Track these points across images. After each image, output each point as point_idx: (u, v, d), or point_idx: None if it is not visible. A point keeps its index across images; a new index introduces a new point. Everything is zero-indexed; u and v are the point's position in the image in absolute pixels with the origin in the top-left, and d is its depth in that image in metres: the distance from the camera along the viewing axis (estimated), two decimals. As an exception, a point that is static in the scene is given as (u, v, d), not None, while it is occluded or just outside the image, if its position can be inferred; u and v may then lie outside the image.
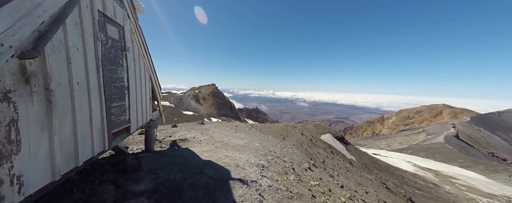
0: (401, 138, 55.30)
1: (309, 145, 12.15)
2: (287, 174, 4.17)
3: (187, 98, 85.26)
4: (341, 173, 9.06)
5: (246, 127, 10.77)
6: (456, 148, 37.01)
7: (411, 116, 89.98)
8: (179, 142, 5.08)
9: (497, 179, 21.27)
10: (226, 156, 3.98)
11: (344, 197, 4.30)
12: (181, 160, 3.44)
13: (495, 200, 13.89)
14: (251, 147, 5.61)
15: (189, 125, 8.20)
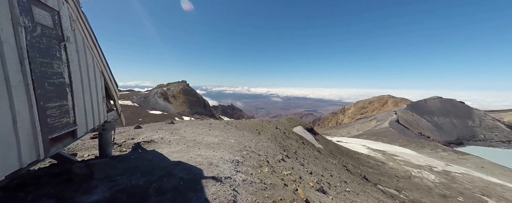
0: (358, 125, 64.56)
1: (283, 137, 12.86)
2: (262, 167, 4.34)
3: (153, 96, 77.05)
4: (311, 161, 10.01)
5: (221, 124, 10.56)
6: (396, 131, 45.81)
7: (365, 106, 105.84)
8: (144, 144, 4.60)
9: (423, 153, 27.52)
10: (199, 155, 3.84)
11: (312, 182, 4.80)
12: (146, 163, 3.13)
13: (422, 170, 18.00)
14: (226, 144, 5.57)
15: (156, 125, 7.48)
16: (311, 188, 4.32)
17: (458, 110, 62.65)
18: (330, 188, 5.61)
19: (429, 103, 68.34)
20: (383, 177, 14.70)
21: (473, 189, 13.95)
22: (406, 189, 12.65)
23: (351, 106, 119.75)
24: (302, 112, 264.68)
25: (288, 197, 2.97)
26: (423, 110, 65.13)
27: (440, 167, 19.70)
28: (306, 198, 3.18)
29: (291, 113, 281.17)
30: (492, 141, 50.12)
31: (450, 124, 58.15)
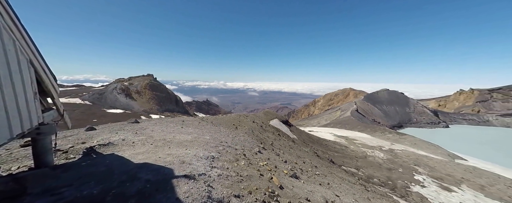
0: (326, 115, 71.67)
1: (260, 131, 13.16)
2: (238, 160, 4.34)
3: (111, 92, 66.70)
4: (286, 151, 10.62)
5: (195, 121, 10.01)
6: (356, 119, 52.96)
7: (332, 98, 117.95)
8: (100, 148, 3.95)
9: (375, 136, 32.78)
10: (169, 155, 3.54)
11: (286, 170, 5.10)
12: (102, 169, 2.69)
13: (374, 150, 21.49)
14: (201, 141, 5.32)
15: (116, 126, 6.51)
16: (286, 175, 4.60)
17: (399, 99, 76.35)
18: (303, 173, 6.11)
19: (379, 94, 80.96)
20: (346, 159, 16.92)
21: (409, 161, 17.55)
22: (363, 167, 14.92)
23: (320, 99, 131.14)
24: (278, 106, 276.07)
25: (264, 186, 3.07)
26: (375, 100, 76.83)
27: (387, 146, 23.89)
28: (280, 185, 3.36)
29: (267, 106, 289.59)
30: (421, 123, 63.55)
31: (394, 111, 70.60)
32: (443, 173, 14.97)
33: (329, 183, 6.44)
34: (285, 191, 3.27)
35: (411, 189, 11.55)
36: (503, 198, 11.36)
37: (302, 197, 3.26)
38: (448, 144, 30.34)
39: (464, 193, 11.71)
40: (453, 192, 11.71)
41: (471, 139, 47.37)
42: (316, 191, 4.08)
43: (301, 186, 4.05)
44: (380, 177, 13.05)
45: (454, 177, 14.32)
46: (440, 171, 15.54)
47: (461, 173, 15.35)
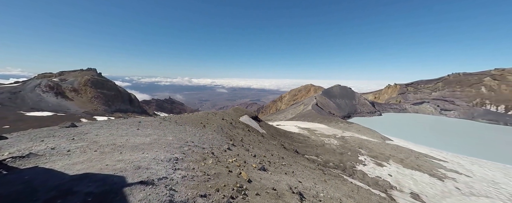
0: (291, 110, 77.74)
1: (230, 128, 13.02)
2: (206, 159, 4.18)
3: (32, 91, 51.22)
4: (255, 146, 10.95)
5: (155, 121, 8.94)
6: (316, 112, 59.85)
7: (297, 94, 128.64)
8: (15, 161, 2.99)
9: (331, 126, 38.03)
10: (120, 161, 3.04)
11: (255, 164, 5.28)
12: (19, 187, 2.04)
13: (330, 138, 24.97)
14: (162, 142, 4.80)
15: (41, 132, 5.04)
16: (254, 168, 4.77)
17: (348, 93, 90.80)
18: (270, 165, 6.48)
19: (333, 90, 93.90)
20: (308, 148, 18.97)
21: (355, 145, 21.29)
22: (321, 154, 17.11)
23: (286, 94, 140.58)
24: (248, 102, 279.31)
25: (232, 182, 3.09)
26: (330, 95, 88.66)
27: (339, 134, 28.14)
28: (249, 178, 3.47)
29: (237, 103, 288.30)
30: (363, 113, 77.87)
31: (344, 104, 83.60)
32: (377, 152, 18.95)
33: (293, 171, 7.08)
34: (253, 184, 3.39)
35: (356, 168, 14.11)
36: (414, 166, 15.46)
37: (269, 187, 3.47)
38: (381, 129, 38.55)
39: (390, 166, 15.23)
40: (384, 166, 15.05)
41: (395, 123, 61.63)
42: (282, 180, 4.42)
43: (269, 177, 4.30)
44: (334, 161, 15.32)
45: (385, 155, 18.37)
46: (376, 151, 19.60)
47: (389, 151, 19.85)
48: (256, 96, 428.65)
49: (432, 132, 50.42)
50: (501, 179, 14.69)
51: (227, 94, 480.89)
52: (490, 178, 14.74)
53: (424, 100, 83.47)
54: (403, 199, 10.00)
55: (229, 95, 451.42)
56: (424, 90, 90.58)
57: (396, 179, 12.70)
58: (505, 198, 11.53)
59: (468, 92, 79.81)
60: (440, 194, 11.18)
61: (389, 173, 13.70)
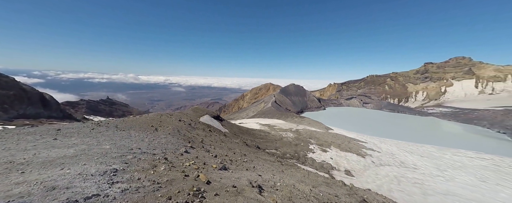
0: (253, 108, 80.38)
1: (188, 129, 12.02)
2: (156, 166, 3.68)
3: None
4: (217, 146, 10.63)
5: (84, 128, 7.02)
6: (275, 109, 64.63)
7: (257, 92, 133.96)
8: None
9: (287, 121, 42.18)
10: (20, 183, 2.19)
11: (216, 164, 5.14)
12: None
13: (287, 132, 27.69)
14: (93, 153, 3.83)
15: None
16: (215, 169, 4.64)
17: (300, 91, 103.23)
18: (232, 163, 6.50)
19: (289, 88, 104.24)
20: (268, 143, 20.27)
21: (306, 137, 24.55)
22: (280, 147, 18.71)
23: (248, 93, 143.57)
24: (209, 101, 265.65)
25: (188, 187, 2.89)
26: (287, 93, 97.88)
27: (294, 128, 31.65)
28: (208, 180, 3.35)
29: (197, 103, 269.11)
30: (313, 108, 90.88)
31: (298, 100, 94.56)
32: (323, 141, 22.65)
33: (254, 166, 7.40)
34: (212, 185, 3.30)
35: (307, 156, 16.33)
36: (347, 149, 19.52)
37: (229, 185, 3.48)
38: (325, 120, 46.31)
39: (331, 151, 18.60)
40: (327, 151, 18.20)
41: (334, 115, 75.45)
42: (242, 177, 4.52)
43: (229, 176, 4.30)
44: (290, 152, 17.12)
45: (327, 142, 22.21)
46: (321, 139, 23.36)
47: (331, 139, 24.13)
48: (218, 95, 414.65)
49: (358, 121, 65.76)
50: (396, 151, 21.02)
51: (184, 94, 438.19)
52: (390, 151, 20.78)
53: (353, 96, 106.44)
54: (340, 176, 12.49)
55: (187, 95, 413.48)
56: (352, 88, 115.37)
57: (335, 160, 15.67)
58: (398, 163, 16.62)
59: (378, 90, 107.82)
60: (363, 167, 14.74)
61: (330, 156, 16.70)
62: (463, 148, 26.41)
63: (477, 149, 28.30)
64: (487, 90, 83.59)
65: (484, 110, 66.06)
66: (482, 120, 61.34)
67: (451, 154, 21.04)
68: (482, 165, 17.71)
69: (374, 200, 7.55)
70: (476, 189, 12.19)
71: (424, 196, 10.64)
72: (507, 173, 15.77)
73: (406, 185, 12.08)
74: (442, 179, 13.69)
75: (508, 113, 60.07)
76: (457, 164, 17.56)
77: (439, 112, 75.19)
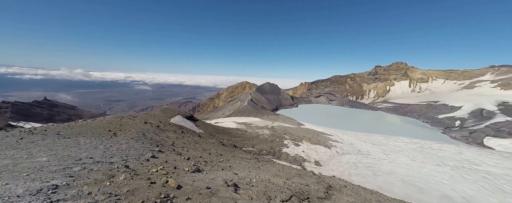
0: (229, 106, 79.12)
1: (156, 132, 10.92)
2: (114, 176, 3.20)
3: None
4: (191, 147, 10.03)
5: (8, 138, 5.49)
6: (251, 107, 65.30)
7: (233, 90, 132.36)
8: None
9: (264, 118, 43.26)
10: None
11: (188, 167, 4.83)
12: None
13: (263, 129, 28.40)
14: (20, 169, 3.03)
15: None
16: (187, 172, 4.36)
17: (275, 89, 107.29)
18: (207, 165, 6.24)
19: (264, 86, 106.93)
20: (245, 141, 20.35)
21: (281, 133, 25.76)
22: (257, 144, 19.05)
23: (223, 91, 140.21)
24: (180, 100, 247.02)
25: (154, 195, 2.62)
26: (262, 91, 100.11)
27: (270, 125, 32.73)
28: (178, 185, 3.12)
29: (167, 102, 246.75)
30: (286, 105, 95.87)
31: (273, 98, 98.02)
32: (295, 136, 24.21)
33: (231, 165, 7.32)
34: (184, 189, 3.09)
35: (282, 151, 17.17)
36: (316, 142, 21.43)
37: (203, 187, 3.33)
38: (297, 117, 49.61)
39: (303, 144, 20.09)
40: (300, 145, 19.57)
41: (306, 112, 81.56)
42: (217, 177, 4.40)
43: (203, 178, 4.12)
44: (267, 148, 17.66)
45: (300, 136, 23.87)
46: (294, 134, 24.94)
47: (302, 133, 26.01)
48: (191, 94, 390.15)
49: (325, 116, 72.92)
50: (354, 141, 24.31)
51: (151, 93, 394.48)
52: (350, 141, 23.90)
53: (321, 94, 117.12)
54: (310, 167, 13.64)
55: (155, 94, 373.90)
56: (320, 87, 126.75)
57: (307, 153, 17.02)
58: (356, 151, 19.29)
59: (340, 88, 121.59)
60: (329, 157, 16.51)
61: (302, 150, 18.02)
62: (401, 135, 32.62)
63: (409, 135, 35.44)
64: (416, 89, 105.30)
65: (414, 105, 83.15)
66: (413, 113, 77.10)
67: (393, 141, 25.68)
68: (413, 148, 22.32)
69: (338, 184, 8.54)
70: (409, 167, 15.31)
71: (374, 176, 12.69)
72: (428, 153, 20.36)
73: (362, 169, 14.15)
74: (387, 161, 16.61)
75: (429, 106, 77.34)
76: (397, 148, 21.60)
77: (385, 107, 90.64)
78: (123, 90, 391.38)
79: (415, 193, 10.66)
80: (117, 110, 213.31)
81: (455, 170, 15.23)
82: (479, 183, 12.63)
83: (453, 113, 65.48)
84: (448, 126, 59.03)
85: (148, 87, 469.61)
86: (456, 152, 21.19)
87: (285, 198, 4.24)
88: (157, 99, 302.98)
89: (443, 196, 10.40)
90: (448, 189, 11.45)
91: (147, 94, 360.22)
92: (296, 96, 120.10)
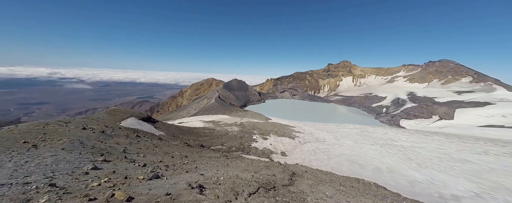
0: (195, 105, 74.16)
1: (100, 138, 9.09)
2: (30, 200, 2.45)
3: None
4: (148, 152, 8.87)
5: None
6: (219, 104, 63.38)
7: (199, 88, 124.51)
8: None
9: (232, 115, 42.88)
10: None
11: (143, 174, 4.26)
12: None
13: (232, 126, 28.16)
14: None
15: None
16: (142, 180, 3.84)
17: (243, 86, 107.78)
18: (168, 169, 5.69)
19: (232, 83, 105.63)
20: (214, 140, 19.69)
21: (250, 128, 26.28)
22: (226, 142, 18.77)
23: (187, 89, 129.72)
24: (134, 100, 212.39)
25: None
26: (230, 88, 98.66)
27: (239, 121, 32.82)
28: (129, 196, 2.71)
29: (115, 103, 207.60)
30: (254, 101, 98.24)
31: (241, 95, 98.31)
32: (264, 130, 25.26)
33: (197, 166, 6.95)
34: (136, 201, 2.72)
35: (251, 146, 17.61)
36: (282, 134, 23.06)
37: (162, 194, 3.02)
38: (265, 112, 51.80)
39: (270, 137, 21.24)
40: (267, 139, 20.58)
41: (272, 107, 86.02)
42: (180, 181, 4.09)
43: (163, 184, 3.73)
44: (236, 145, 17.69)
45: (268, 130, 25.06)
46: (262, 129, 25.98)
47: (270, 127, 27.40)
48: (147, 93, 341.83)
49: (289, 109, 79.34)
50: (313, 131, 27.62)
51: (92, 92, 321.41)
52: (310, 131, 27.02)
53: (285, 90, 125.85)
54: (277, 158, 14.64)
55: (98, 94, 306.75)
56: (284, 83, 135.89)
57: (274, 146, 18.12)
58: (314, 140, 22.01)
59: (301, 84, 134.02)
60: (293, 147, 18.18)
61: (270, 143, 19.06)
62: (347, 122, 39.28)
63: (353, 122, 43.19)
64: (357, 83, 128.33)
65: (356, 97, 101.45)
66: (356, 103, 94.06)
67: (342, 128, 30.67)
68: (356, 132, 27.38)
69: (300, 170, 9.54)
70: (354, 149, 18.77)
71: (329, 159, 14.90)
72: (366, 135, 25.47)
73: (319, 154, 16.30)
74: (338, 145, 19.77)
75: (366, 97, 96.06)
76: (345, 134, 25.96)
77: (336, 99, 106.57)
78: (47, 90, 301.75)
79: (357, 169, 13.18)
80: (39, 115, 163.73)
81: (383, 147, 19.70)
82: (397, 155, 16.84)
83: (381, 102, 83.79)
84: (378, 112, 75.21)
85: (87, 86, 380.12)
86: (383, 132, 27.35)
87: (252, 191, 4.40)
88: (101, 100, 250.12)
89: (375, 168, 13.31)
90: (378, 162, 14.73)
91: (86, 95, 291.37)
92: (263, 92, 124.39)
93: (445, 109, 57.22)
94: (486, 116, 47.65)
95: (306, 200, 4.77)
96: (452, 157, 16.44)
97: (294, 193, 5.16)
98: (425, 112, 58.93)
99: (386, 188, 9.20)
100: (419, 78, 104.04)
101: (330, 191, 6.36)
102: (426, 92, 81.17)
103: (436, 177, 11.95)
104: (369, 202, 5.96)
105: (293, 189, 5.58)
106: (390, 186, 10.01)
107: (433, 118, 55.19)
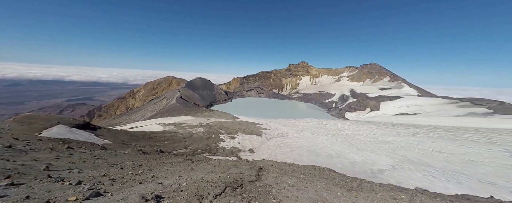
0: (151, 106, 65.13)
1: (6, 156, 6.76)
2: None
3: None
4: (86, 166, 7.21)
5: None
6: (181, 105, 58.06)
7: (155, 87, 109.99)
8: None
9: (197, 116, 40.23)
10: None
11: (76, 194, 3.44)
12: None
13: (197, 127, 26.42)
14: None
15: None
16: (74, 202, 3.09)
17: (208, 85, 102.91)
18: (115, 183, 4.81)
19: (196, 82, 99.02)
20: (176, 143, 17.95)
21: (217, 128, 25.46)
22: (190, 144, 17.47)
23: (141, 88, 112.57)
24: (63, 103, 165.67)
25: None
26: (194, 87, 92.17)
27: (205, 122, 31.22)
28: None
29: (33, 107, 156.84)
30: (221, 100, 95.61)
31: (206, 94, 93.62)
32: (231, 129, 25.02)
33: (154, 175, 6.19)
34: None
35: (219, 146, 17.13)
36: (249, 132, 23.52)
37: (105, 213, 2.54)
38: (232, 111, 51.35)
39: (239, 136, 21.29)
40: (235, 138, 20.52)
41: (239, 105, 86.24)
42: (131, 194, 3.54)
43: (106, 202, 3.13)
44: (202, 146, 16.77)
45: (235, 129, 24.99)
46: (230, 128, 25.69)
47: (237, 126, 27.40)
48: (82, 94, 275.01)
49: (256, 108, 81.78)
50: (278, 127, 29.61)
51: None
52: (275, 127, 28.83)
53: (251, 88, 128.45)
54: (245, 155, 14.87)
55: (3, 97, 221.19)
56: (251, 81, 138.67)
57: (242, 144, 18.28)
58: (279, 135, 23.66)
59: (267, 82, 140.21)
60: (260, 144, 18.93)
61: (238, 141, 19.10)
62: (306, 117, 44.15)
63: (311, 116, 48.92)
64: (313, 82, 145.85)
65: (313, 94, 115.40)
66: (312, 100, 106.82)
67: (302, 122, 34.25)
68: (313, 125, 31.22)
69: (266, 165, 10.06)
70: (311, 140, 21.35)
71: (291, 152, 16.38)
72: (321, 128, 29.46)
73: (283, 148, 17.66)
74: (299, 138, 21.98)
75: (320, 94, 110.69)
76: (305, 128, 29.13)
77: (297, 96, 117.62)
78: None
79: (314, 157, 15.07)
80: None
81: (334, 136, 23.28)
82: (343, 142, 20.31)
83: (331, 98, 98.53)
84: (329, 107, 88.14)
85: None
86: (333, 124, 32.29)
87: (218, 192, 4.32)
88: (11, 104, 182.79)
89: (327, 155, 15.59)
90: (330, 150, 17.32)
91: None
92: (230, 91, 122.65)
93: (374, 102, 73.15)
94: (398, 107, 64.17)
95: (271, 192, 5.10)
96: (378, 140, 21.27)
97: (260, 187, 5.40)
98: (361, 105, 73.46)
99: (335, 171, 10.97)
100: (357, 78, 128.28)
101: (292, 180, 7.03)
102: (362, 89, 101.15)
103: (368, 157, 15.20)
104: (322, 185, 6.96)
105: (259, 184, 5.83)
106: (338, 168, 12.01)
107: (367, 110, 69.60)
